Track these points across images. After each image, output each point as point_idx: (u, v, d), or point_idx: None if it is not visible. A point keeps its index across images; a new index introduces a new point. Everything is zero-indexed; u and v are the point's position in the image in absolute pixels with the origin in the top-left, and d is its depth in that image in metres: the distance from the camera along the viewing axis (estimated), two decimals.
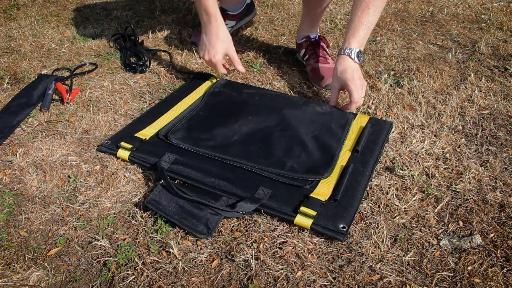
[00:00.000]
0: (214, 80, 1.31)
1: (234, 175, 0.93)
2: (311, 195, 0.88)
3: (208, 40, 1.20)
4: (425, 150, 1.06)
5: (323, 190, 0.90)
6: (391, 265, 0.79)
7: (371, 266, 0.79)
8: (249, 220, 0.87)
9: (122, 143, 1.02)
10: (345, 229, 0.82)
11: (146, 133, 1.06)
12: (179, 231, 0.85)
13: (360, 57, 1.12)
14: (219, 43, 1.19)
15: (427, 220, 0.88)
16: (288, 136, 1.04)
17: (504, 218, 0.88)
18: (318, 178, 0.93)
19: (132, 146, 1.01)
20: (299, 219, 0.84)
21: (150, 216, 0.88)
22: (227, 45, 1.21)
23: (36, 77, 1.34)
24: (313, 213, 0.84)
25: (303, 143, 1.02)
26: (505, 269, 0.78)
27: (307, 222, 0.83)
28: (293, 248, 0.82)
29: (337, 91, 1.15)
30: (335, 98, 1.16)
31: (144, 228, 0.86)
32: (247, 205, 0.86)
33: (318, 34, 1.44)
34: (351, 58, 1.11)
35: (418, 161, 1.03)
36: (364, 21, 1.10)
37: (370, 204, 0.91)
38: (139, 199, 0.92)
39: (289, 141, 1.02)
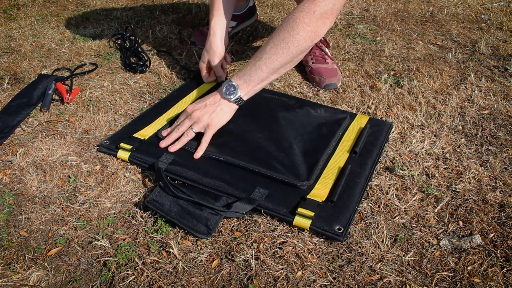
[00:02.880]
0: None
1: (231, 176, 0.94)
2: (308, 196, 0.88)
3: (204, 48, 1.27)
4: (425, 150, 1.06)
5: (320, 191, 0.90)
6: (391, 265, 0.79)
7: (371, 266, 0.79)
8: (249, 220, 0.87)
9: (122, 144, 1.02)
10: (341, 231, 0.82)
11: (145, 133, 1.06)
12: (179, 231, 0.85)
13: (233, 92, 1.01)
14: (206, 50, 1.25)
15: (427, 220, 0.88)
16: (275, 140, 1.04)
17: (504, 218, 0.88)
18: (296, 183, 0.91)
19: (131, 147, 1.01)
20: (298, 220, 0.84)
21: (150, 216, 0.88)
22: (211, 56, 1.23)
23: (36, 77, 1.34)
24: (311, 213, 0.84)
25: (289, 147, 1.01)
26: (505, 269, 0.78)
27: (306, 223, 0.83)
28: (293, 248, 0.82)
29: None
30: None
31: (144, 228, 0.86)
32: (243, 205, 0.86)
33: None
34: (221, 92, 1.02)
35: (418, 161, 1.03)
36: (259, 54, 0.99)
37: (370, 204, 0.91)
38: (139, 199, 0.92)
39: (276, 145, 1.02)
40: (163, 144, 1.02)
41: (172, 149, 1.00)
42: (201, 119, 1.00)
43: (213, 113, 1.00)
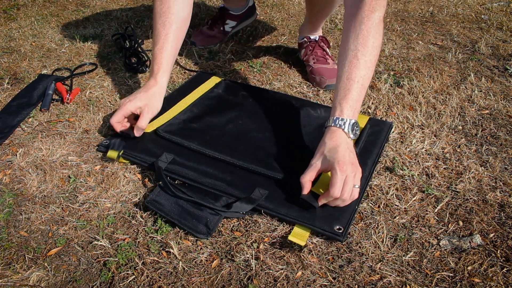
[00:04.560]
0: (215, 80, 1.31)
1: (231, 176, 0.94)
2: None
3: (137, 91, 1.06)
4: (425, 150, 1.06)
5: (320, 191, 0.89)
6: (391, 265, 0.79)
7: (371, 266, 0.79)
8: (249, 220, 0.87)
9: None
10: (341, 231, 0.82)
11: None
12: (179, 231, 0.85)
13: (356, 130, 0.89)
14: (143, 94, 1.03)
15: (427, 220, 0.88)
16: (275, 140, 1.04)
17: (504, 218, 0.88)
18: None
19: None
20: (293, 239, 0.82)
21: (150, 216, 0.88)
22: (148, 102, 1.02)
23: (36, 77, 1.34)
24: (306, 235, 0.82)
25: (289, 148, 1.02)
26: (505, 269, 0.78)
27: (302, 242, 0.81)
28: (293, 248, 0.82)
29: (316, 171, 0.86)
30: (310, 177, 0.86)
31: (144, 228, 0.86)
32: (243, 205, 0.86)
33: (320, 35, 1.44)
34: (345, 132, 0.88)
35: (418, 161, 1.03)
36: (355, 77, 0.88)
37: (370, 204, 0.91)
38: (139, 199, 0.92)
39: (276, 145, 1.02)
40: None
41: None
42: (357, 171, 0.84)
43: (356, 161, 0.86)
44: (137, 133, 1.02)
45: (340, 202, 0.84)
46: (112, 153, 0.99)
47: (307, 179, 0.86)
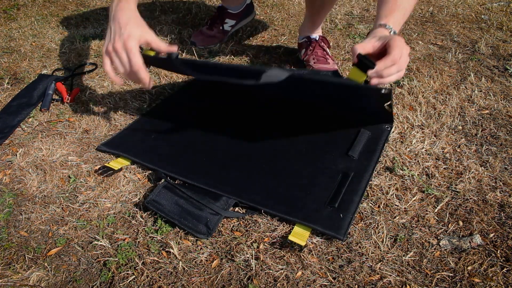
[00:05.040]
0: None
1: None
2: None
3: (116, 24, 0.88)
4: (425, 150, 1.06)
5: None
6: (391, 265, 0.79)
7: (371, 266, 0.79)
8: (249, 220, 0.88)
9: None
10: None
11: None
12: (179, 231, 0.85)
13: None
14: (131, 24, 0.88)
15: (427, 220, 0.88)
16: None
17: (504, 218, 0.88)
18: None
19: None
20: (293, 239, 0.81)
21: (150, 216, 0.88)
22: (142, 30, 0.90)
23: (36, 77, 1.34)
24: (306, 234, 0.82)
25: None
26: (505, 269, 0.78)
27: (302, 242, 0.81)
28: (293, 248, 0.82)
29: (371, 44, 0.84)
30: (363, 47, 0.84)
31: (144, 228, 0.86)
32: (277, 71, 0.80)
33: (320, 34, 1.44)
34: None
35: (418, 161, 1.03)
36: (400, 4, 0.93)
37: (370, 204, 0.91)
38: (139, 199, 0.92)
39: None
40: None
41: None
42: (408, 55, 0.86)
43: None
44: (169, 48, 0.93)
45: (395, 70, 0.81)
46: (114, 164, 0.99)
47: (358, 46, 0.83)
